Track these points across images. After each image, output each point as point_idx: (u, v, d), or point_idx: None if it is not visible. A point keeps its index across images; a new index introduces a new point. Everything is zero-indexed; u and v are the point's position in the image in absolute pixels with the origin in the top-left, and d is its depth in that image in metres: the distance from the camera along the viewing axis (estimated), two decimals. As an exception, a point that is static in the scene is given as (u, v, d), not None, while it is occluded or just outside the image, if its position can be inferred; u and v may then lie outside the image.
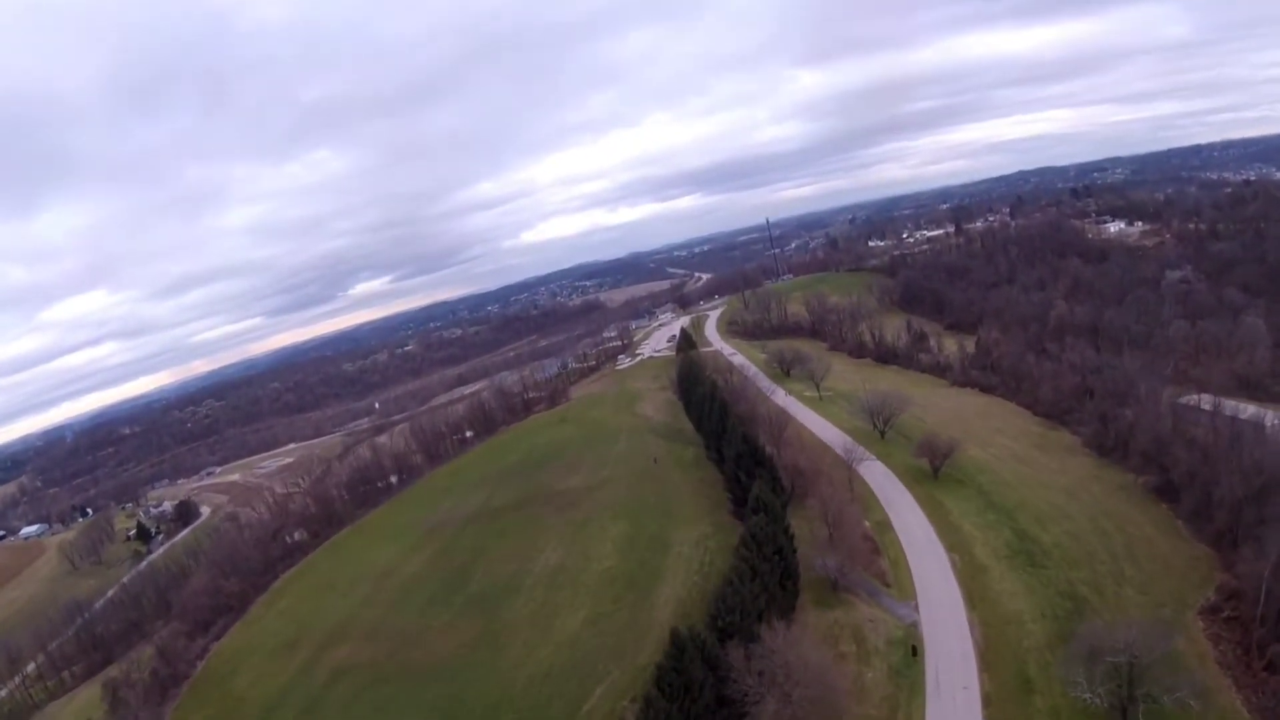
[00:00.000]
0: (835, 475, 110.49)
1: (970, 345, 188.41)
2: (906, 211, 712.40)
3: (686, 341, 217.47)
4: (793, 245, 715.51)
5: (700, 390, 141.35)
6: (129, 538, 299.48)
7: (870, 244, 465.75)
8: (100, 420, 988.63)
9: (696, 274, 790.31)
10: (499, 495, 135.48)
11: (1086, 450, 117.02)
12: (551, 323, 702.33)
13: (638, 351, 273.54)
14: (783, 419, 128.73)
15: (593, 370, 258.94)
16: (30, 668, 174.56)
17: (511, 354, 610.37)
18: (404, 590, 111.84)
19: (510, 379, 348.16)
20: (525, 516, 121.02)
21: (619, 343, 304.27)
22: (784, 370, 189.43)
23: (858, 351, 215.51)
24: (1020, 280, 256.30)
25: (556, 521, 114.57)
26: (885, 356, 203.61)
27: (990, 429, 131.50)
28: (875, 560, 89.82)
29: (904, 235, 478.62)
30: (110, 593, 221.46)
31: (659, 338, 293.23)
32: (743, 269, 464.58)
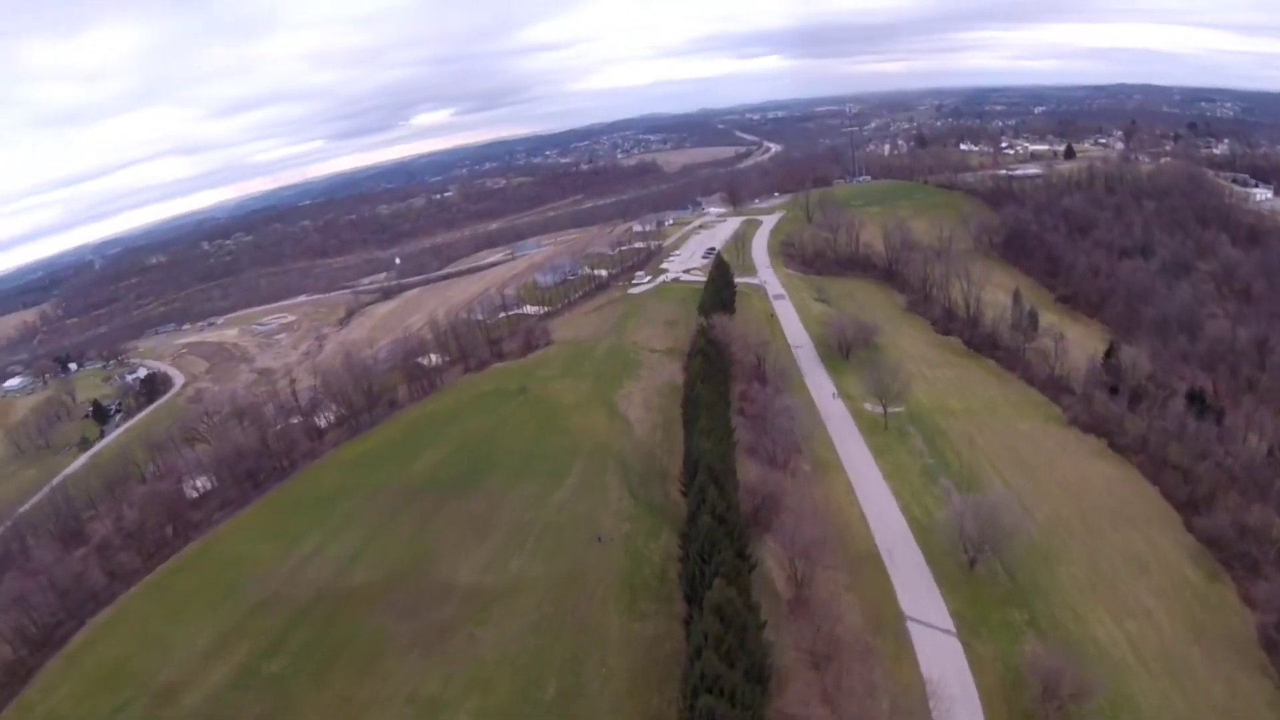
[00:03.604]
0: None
1: (1097, 347, 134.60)
2: (999, 107, 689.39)
3: (720, 279, 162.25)
4: (872, 125, 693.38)
5: (706, 421, 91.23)
6: (87, 414, 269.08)
7: (963, 148, 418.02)
8: (154, 234, 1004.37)
9: (766, 143, 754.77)
10: (369, 558, 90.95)
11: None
12: (600, 182, 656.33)
13: (664, 264, 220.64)
14: (818, 531, 79.19)
15: (599, 290, 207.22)
16: None
17: (550, 213, 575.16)
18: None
19: (516, 275, 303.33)
20: (371, 631, 76.93)
21: (642, 246, 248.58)
22: (841, 352, 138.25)
23: (944, 322, 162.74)
24: (1159, 253, 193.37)
25: (398, 667, 70.50)
26: (981, 341, 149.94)
27: (1122, 555, 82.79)
28: None
29: (1002, 144, 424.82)
30: (26, 505, 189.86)
31: (696, 247, 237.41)
32: (812, 164, 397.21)
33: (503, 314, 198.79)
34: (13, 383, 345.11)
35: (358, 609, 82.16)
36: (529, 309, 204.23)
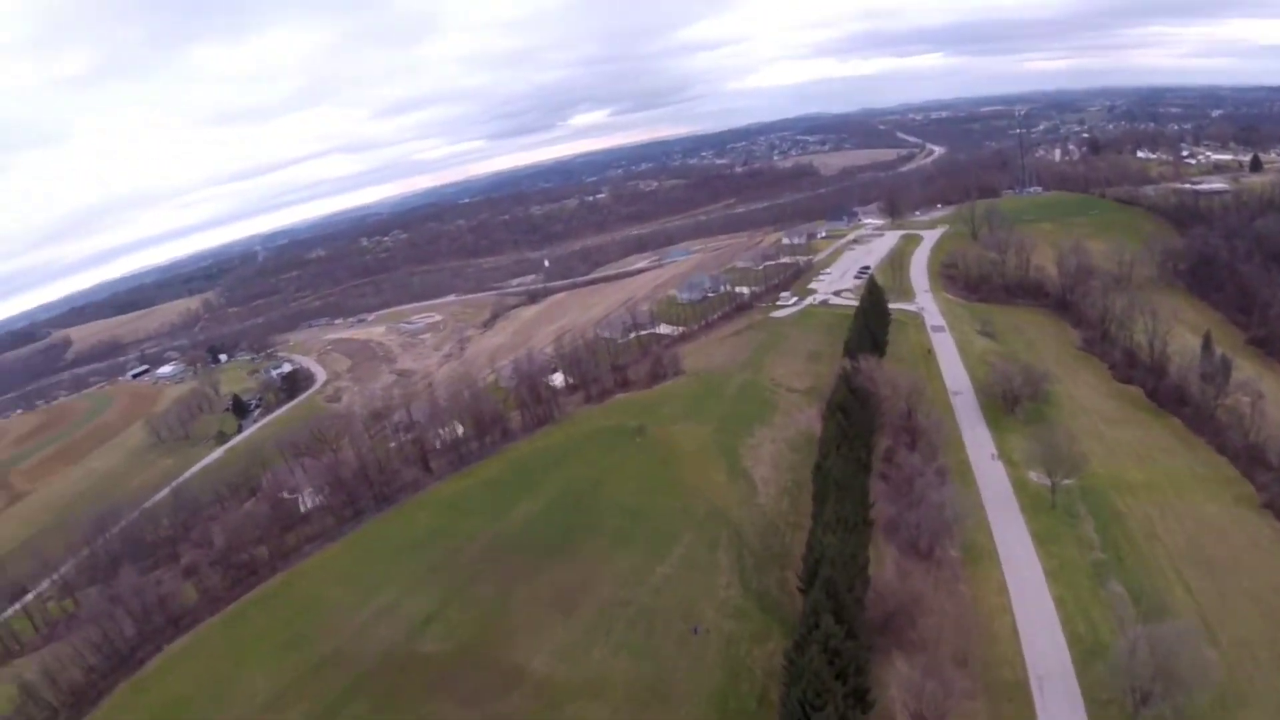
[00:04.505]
0: None
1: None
2: (1173, 109, 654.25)
3: (873, 308, 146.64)
4: (1040, 127, 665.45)
5: (836, 505, 77.13)
6: (227, 408, 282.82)
7: (1140, 155, 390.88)
8: (320, 228, 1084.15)
9: (928, 145, 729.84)
10: (443, 623, 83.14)
11: None
12: (754, 185, 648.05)
13: (813, 283, 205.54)
14: (959, 645, 65.07)
15: (739, 310, 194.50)
16: (45, 586, 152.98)
17: (702, 217, 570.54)
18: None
19: (659, 284, 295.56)
20: (428, 717, 68.66)
21: (790, 261, 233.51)
22: (1006, 404, 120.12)
23: (1124, 367, 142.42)
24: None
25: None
26: (1165, 394, 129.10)
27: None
28: None
29: (1183, 152, 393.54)
30: (160, 494, 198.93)
31: (849, 264, 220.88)
32: (978, 170, 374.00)
33: (634, 334, 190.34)
34: (165, 370, 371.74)
35: (419, 686, 74.65)
36: (663, 328, 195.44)
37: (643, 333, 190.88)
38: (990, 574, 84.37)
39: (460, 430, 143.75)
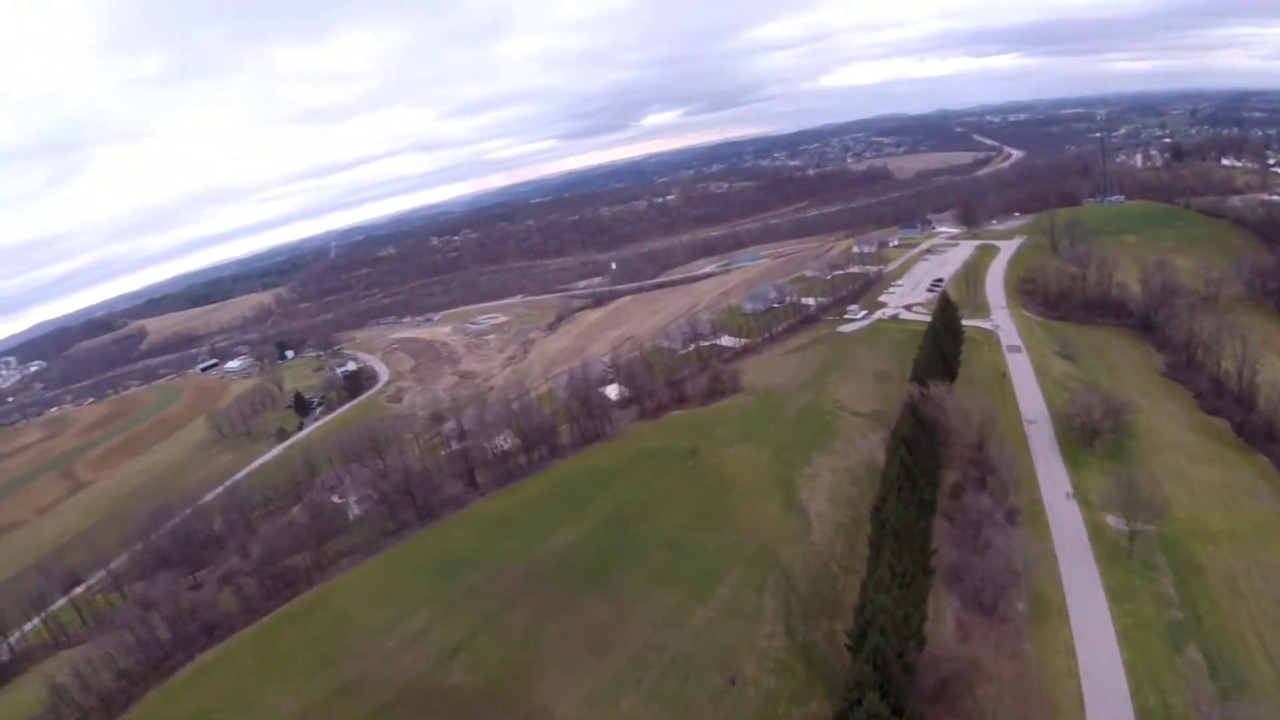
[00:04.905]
0: None
1: None
2: (1257, 113, 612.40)
3: (945, 327, 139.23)
4: (1121, 131, 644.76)
5: (893, 559, 71.21)
6: (289, 406, 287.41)
7: (1224, 163, 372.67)
8: (393, 225, 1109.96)
9: (1006, 149, 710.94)
10: (471, 654, 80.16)
11: None
12: (826, 188, 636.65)
13: (883, 295, 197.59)
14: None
15: (805, 323, 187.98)
16: (96, 579, 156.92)
17: (772, 221, 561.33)
18: None
19: (725, 291, 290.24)
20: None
21: (859, 271, 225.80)
22: (1084, 436, 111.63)
23: (1210, 397, 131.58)
24: None
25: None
26: (1254, 429, 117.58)
27: None
28: None
29: (1269, 160, 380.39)
30: (215, 492, 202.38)
31: (921, 276, 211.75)
32: (1057, 176, 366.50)
33: (694, 345, 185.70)
34: (233, 364, 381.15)
35: (440, 725, 71.32)
36: (725, 340, 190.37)
37: (703, 344, 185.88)
38: (1058, 632, 77.23)
39: (510, 442, 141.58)
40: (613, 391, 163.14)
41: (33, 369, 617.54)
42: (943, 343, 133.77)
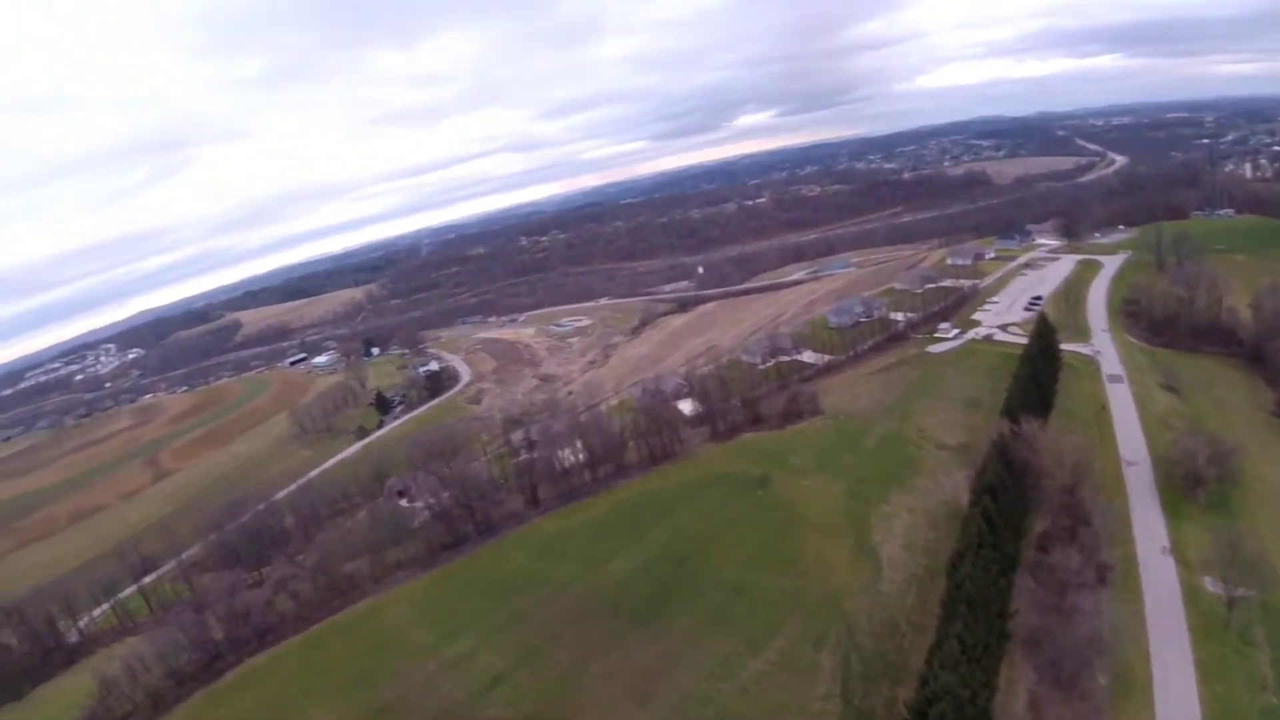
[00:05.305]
0: None
1: None
2: None
3: (1041, 354, 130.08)
4: (1229, 138, 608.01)
5: (966, 631, 64.58)
6: (370, 403, 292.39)
7: None
8: (485, 223, 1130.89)
9: (1110, 154, 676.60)
10: (511, 687, 77.28)
11: None
12: (921, 193, 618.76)
13: (978, 313, 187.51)
14: None
15: (893, 341, 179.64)
16: (168, 568, 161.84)
17: (866, 226, 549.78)
18: None
19: (813, 299, 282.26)
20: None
21: (953, 285, 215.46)
22: (1187, 485, 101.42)
23: None
24: None
25: None
26: None
27: None
28: None
29: None
30: (290, 488, 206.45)
31: (1018, 292, 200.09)
32: (1164, 185, 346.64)
33: (774, 360, 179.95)
34: (320, 359, 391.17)
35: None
36: (808, 355, 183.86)
37: (784, 359, 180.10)
38: (1139, 714, 69.32)
39: (578, 455, 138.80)
40: (686, 406, 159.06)
41: (131, 356, 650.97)
42: (1039, 371, 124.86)
